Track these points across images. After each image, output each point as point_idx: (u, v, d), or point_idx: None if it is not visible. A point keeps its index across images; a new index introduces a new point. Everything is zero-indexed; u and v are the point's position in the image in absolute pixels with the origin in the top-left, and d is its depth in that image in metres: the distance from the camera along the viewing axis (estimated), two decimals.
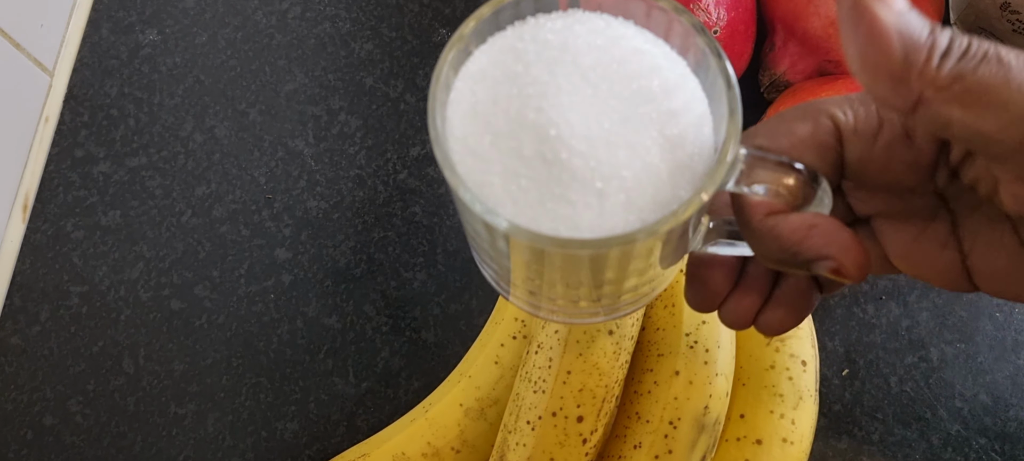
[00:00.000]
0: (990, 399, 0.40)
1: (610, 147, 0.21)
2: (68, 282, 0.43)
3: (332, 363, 0.42)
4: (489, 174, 0.21)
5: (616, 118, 0.21)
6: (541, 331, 0.35)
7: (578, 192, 0.21)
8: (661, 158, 0.21)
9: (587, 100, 0.21)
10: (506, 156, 0.21)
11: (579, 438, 0.33)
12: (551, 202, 0.21)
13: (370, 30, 0.50)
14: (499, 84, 0.22)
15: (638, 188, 0.21)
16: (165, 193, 0.45)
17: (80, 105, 0.48)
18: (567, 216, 0.21)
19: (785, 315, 0.25)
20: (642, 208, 0.21)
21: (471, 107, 0.22)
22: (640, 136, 0.21)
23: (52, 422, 0.41)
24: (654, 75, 0.22)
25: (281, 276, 0.43)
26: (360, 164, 0.46)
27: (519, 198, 0.21)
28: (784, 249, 0.22)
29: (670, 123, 0.21)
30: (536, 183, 0.21)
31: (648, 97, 0.21)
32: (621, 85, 0.22)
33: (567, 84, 0.21)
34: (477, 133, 0.21)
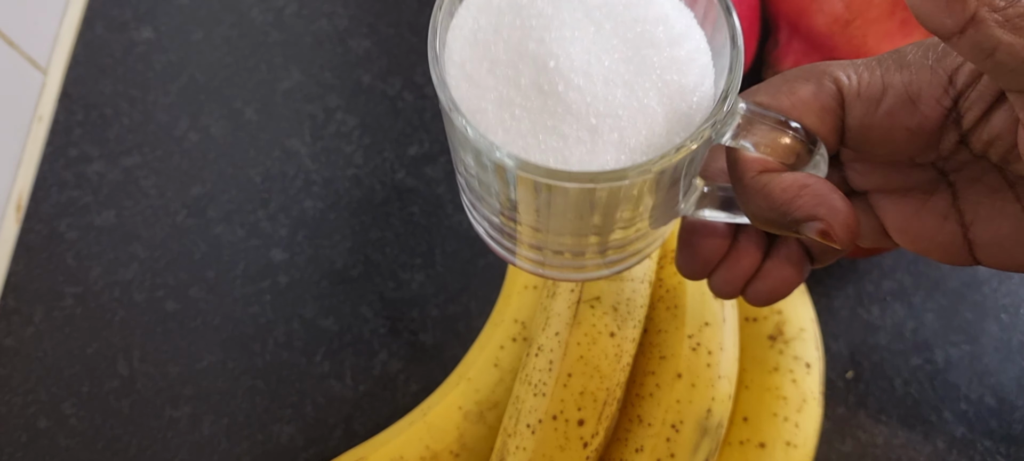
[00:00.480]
0: (996, 401, 0.40)
1: (608, 84, 0.21)
2: (62, 283, 0.43)
3: (329, 365, 0.41)
4: (483, 101, 0.21)
5: (617, 57, 0.21)
6: (541, 333, 0.35)
7: (571, 125, 0.21)
8: (659, 103, 0.21)
9: (590, 36, 0.21)
10: (502, 84, 0.21)
11: (580, 441, 0.33)
12: (543, 133, 0.21)
13: (367, 27, 0.49)
14: (503, 13, 0.22)
15: (632, 128, 0.21)
16: (160, 193, 0.45)
17: (74, 103, 0.47)
18: (557, 149, 0.21)
19: (775, 284, 0.25)
20: (634, 149, 0.21)
21: (472, 34, 0.22)
22: (640, 78, 0.21)
23: (46, 425, 0.40)
24: (660, 23, 0.22)
25: (277, 277, 0.43)
26: (357, 163, 0.45)
27: (511, 126, 0.21)
28: (774, 208, 0.22)
29: (671, 70, 0.22)
30: (529, 113, 0.21)
31: (652, 42, 0.22)
32: (626, 27, 0.22)
33: (571, 19, 0.22)
34: (476, 59, 0.22)
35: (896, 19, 0.38)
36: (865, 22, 0.38)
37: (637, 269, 0.35)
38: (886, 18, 0.38)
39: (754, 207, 0.23)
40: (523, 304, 0.38)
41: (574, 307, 0.34)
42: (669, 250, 0.37)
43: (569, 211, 0.23)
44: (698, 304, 0.35)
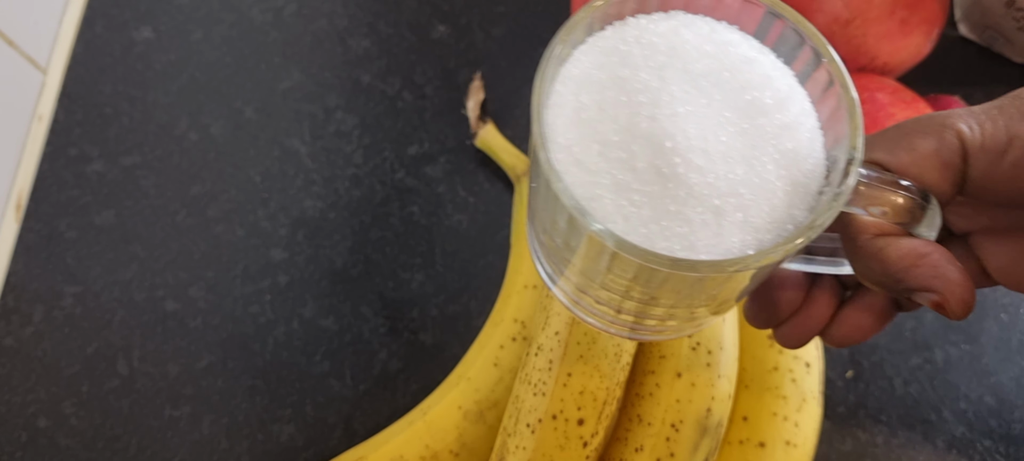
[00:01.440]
0: (995, 401, 0.40)
1: (727, 162, 0.20)
2: (62, 282, 0.43)
3: (329, 365, 0.41)
4: (598, 187, 0.20)
5: (732, 131, 0.20)
6: (541, 333, 0.35)
7: (695, 209, 0.20)
8: (777, 175, 0.20)
9: (702, 110, 0.20)
10: (616, 168, 0.20)
11: (580, 441, 0.33)
12: (666, 219, 0.20)
13: (367, 26, 0.49)
14: (605, 89, 0.21)
15: (755, 206, 0.20)
16: (159, 192, 0.45)
17: (74, 103, 0.47)
18: (683, 235, 0.20)
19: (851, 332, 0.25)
20: (759, 228, 0.20)
21: (575, 113, 0.21)
22: (756, 151, 0.20)
23: (46, 424, 0.40)
24: (765, 87, 0.21)
25: (277, 277, 0.43)
26: (357, 163, 0.45)
27: (631, 214, 0.20)
28: (887, 273, 0.21)
29: (784, 138, 0.20)
30: (650, 198, 0.20)
31: (762, 109, 0.21)
32: (734, 95, 0.21)
33: (680, 92, 0.20)
34: (583, 141, 0.20)
35: (896, 19, 0.38)
36: (865, 22, 0.38)
37: None
38: (886, 18, 0.38)
39: (866, 270, 0.22)
40: (523, 303, 0.38)
41: None
42: None
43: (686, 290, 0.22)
44: None
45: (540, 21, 0.49)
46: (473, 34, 0.49)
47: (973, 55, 0.47)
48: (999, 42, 0.46)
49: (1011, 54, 0.46)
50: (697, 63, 0.21)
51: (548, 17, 0.49)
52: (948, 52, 0.46)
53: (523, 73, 0.48)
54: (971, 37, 0.47)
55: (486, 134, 0.44)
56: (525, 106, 0.47)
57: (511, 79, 0.47)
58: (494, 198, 0.45)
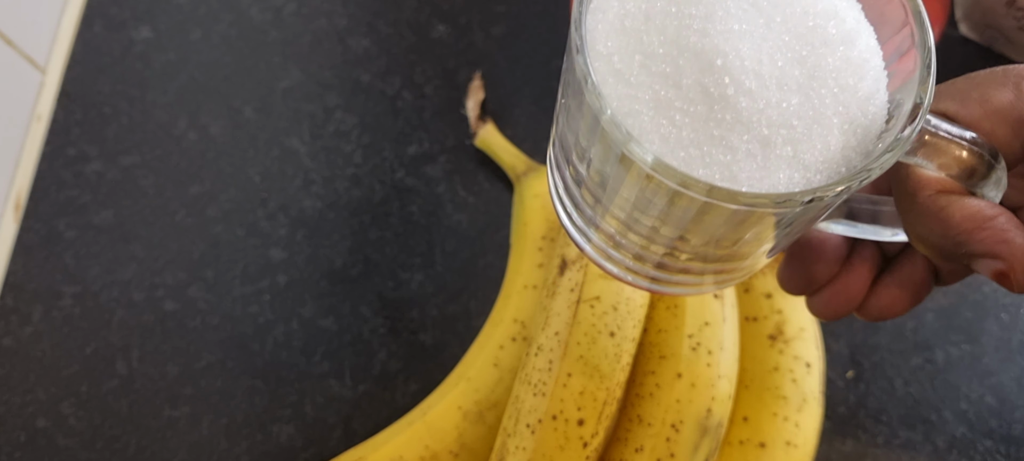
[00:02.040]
0: (996, 401, 0.40)
1: (782, 89, 0.18)
2: (61, 282, 0.43)
3: (328, 365, 0.41)
4: (636, 102, 0.18)
5: (791, 57, 0.18)
6: (541, 333, 0.35)
7: (740, 136, 0.18)
8: (834, 111, 0.18)
9: (759, 30, 0.18)
10: (658, 82, 0.18)
11: (580, 441, 0.33)
12: (708, 144, 0.18)
13: (366, 26, 0.49)
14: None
15: (807, 142, 0.18)
16: (158, 192, 0.45)
17: (73, 102, 0.47)
18: (725, 163, 0.18)
19: (890, 305, 0.23)
20: (808, 165, 0.18)
21: (618, 19, 0.19)
22: (815, 83, 0.18)
23: (45, 424, 0.40)
24: (831, 17, 0.19)
25: (276, 277, 0.43)
26: (356, 163, 0.45)
27: (669, 134, 0.18)
28: (948, 235, 0.20)
29: (846, 72, 0.19)
30: (692, 119, 0.18)
31: (824, 39, 0.19)
32: (796, 20, 0.19)
33: (736, 8, 0.19)
34: (625, 51, 0.19)
35: None
36: None
37: None
38: None
39: (923, 229, 0.20)
40: (523, 304, 0.38)
41: (574, 307, 0.34)
42: None
43: (719, 227, 0.20)
44: (698, 303, 0.35)
45: (540, 21, 0.49)
46: (473, 34, 0.49)
47: (974, 55, 0.47)
48: (1000, 42, 0.46)
49: (1012, 54, 0.46)
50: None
51: (548, 17, 0.49)
52: (949, 52, 0.46)
53: (523, 73, 0.48)
54: (972, 37, 0.47)
55: (486, 134, 0.44)
56: (525, 106, 0.47)
57: (511, 79, 0.47)
58: (494, 198, 0.45)
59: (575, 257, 0.36)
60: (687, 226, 0.20)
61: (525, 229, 0.41)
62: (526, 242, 0.40)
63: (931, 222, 0.20)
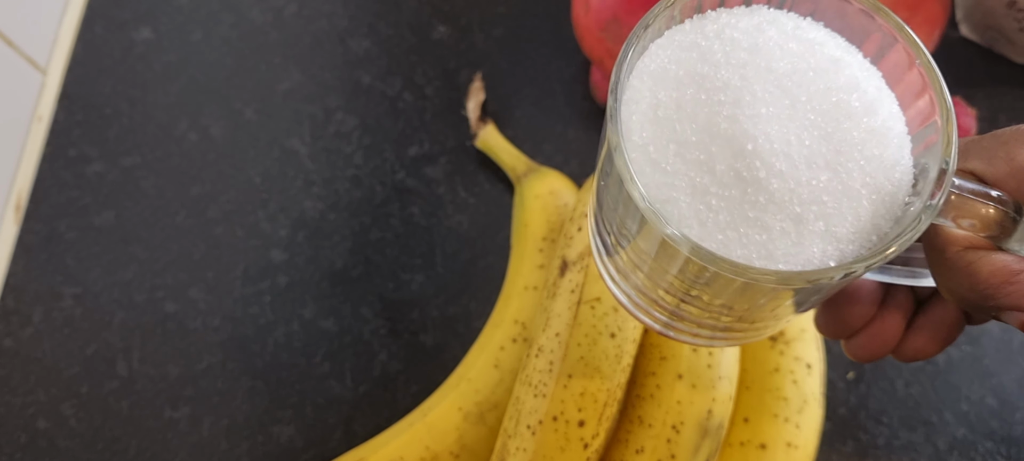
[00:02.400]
0: (997, 402, 0.40)
1: (811, 167, 0.19)
2: (61, 283, 0.43)
3: (329, 366, 0.41)
4: (673, 189, 0.19)
5: (817, 135, 0.19)
6: (541, 334, 0.35)
7: (774, 216, 0.19)
8: (862, 182, 0.19)
9: (785, 112, 0.19)
10: (693, 169, 0.19)
11: (580, 443, 0.33)
12: (744, 226, 0.19)
13: (367, 27, 0.49)
14: (683, 85, 0.20)
15: (838, 215, 0.19)
16: (159, 193, 0.45)
17: (73, 104, 0.47)
18: (761, 243, 0.19)
19: (925, 346, 0.24)
20: (840, 238, 0.19)
21: (652, 110, 0.20)
22: (841, 158, 0.19)
23: (45, 426, 0.40)
24: (853, 90, 0.20)
25: (277, 278, 0.43)
26: (357, 164, 0.45)
27: (707, 218, 0.19)
28: (976, 289, 0.21)
29: (871, 143, 0.19)
30: (727, 203, 0.19)
31: (848, 113, 0.19)
32: (820, 97, 0.20)
33: (762, 92, 0.19)
34: (660, 141, 0.19)
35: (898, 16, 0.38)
36: None
37: None
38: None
39: (953, 283, 0.21)
40: (523, 305, 0.38)
41: (574, 308, 0.34)
42: None
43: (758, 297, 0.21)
44: None
45: (540, 22, 0.49)
46: (473, 35, 0.49)
47: (974, 56, 0.47)
48: (1000, 43, 0.46)
49: (1012, 55, 0.46)
50: (780, 62, 0.20)
51: (548, 18, 0.49)
52: (949, 53, 0.46)
53: (523, 74, 0.48)
54: (972, 38, 0.47)
55: (486, 135, 0.44)
56: (526, 107, 0.47)
57: (511, 80, 0.47)
58: (494, 199, 0.45)
59: (576, 258, 0.36)
60: (730, 297, 0.21)
61: (526, 230, 0.41)
62: (527, 243, 0.40)
63: (960, 277, 0.21)
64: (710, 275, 0.20)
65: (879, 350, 0.24)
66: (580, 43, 0.42)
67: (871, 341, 0.24)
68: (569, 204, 0.41)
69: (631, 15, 0.39)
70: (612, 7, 0.39)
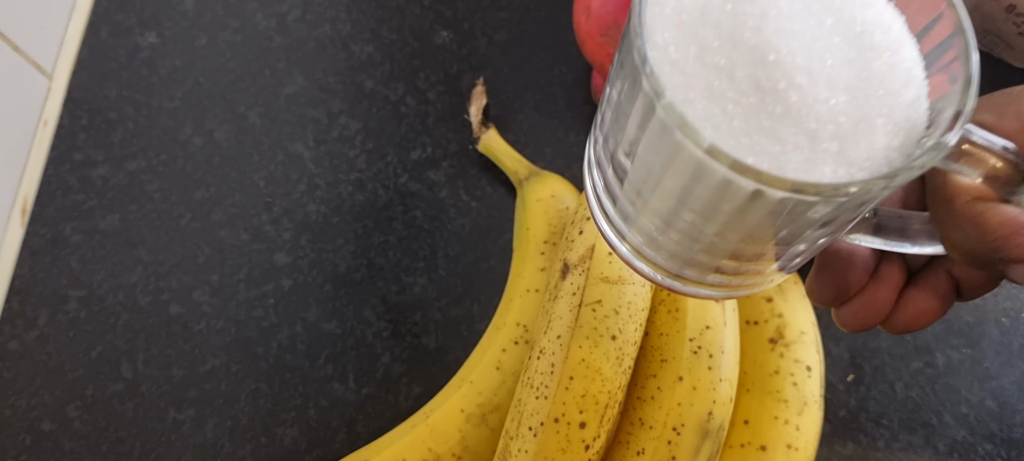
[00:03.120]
0: (996, 405, 0.40)
1: (831, 87, 0.19)
2: (66, 286, 0.43)
3: (332, 368, 0.41)
4: (690, 91, 0.19)
5: (839, 58, 0.19)
6: (543, 336, 0.35)
7: (789, 129, 0.19)
8: (879, 112, 0.19)
9: (810, 31, 0.19)
10: (712, 73, 0.19)
11: (582, 444, 0.33)
12: (757, 134, 0.19)
13: (370, 32, 0.49)
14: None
15: (852, 139, 0.19)
16: (164, 197, 0.45)
17: (79, 108, 0.47)
18: (773, 153, 0.19)
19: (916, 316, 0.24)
20: (852, 162, 0.19)
21: (676, 13, 0.20)
22: (861, 84, 0.19)
23: (50, 427, 0.40)
24: (879, 25, 0.20)
25: (281, 281, 0.43)
26: (360, 168, 0.46)
27: (721, 123, 0.19)
28: (983, 241, 0.20)
29: (892, 78, 0.20)
30: (744, 110, 0.19)
31: (872, 45, 0.20)
32: (846, 25, 0.20)
33: (789, 9, 0.20)
34: (681, 43, 0.19)
35: None
36: None
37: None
38: None
39: (959, 235, 0.21)
40: (525, 307, 0.39)
41: (576, 310, 0.34)
42: None
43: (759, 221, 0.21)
44: (699, 307, 0.35)
45: (542, 26, 0.49)
46: (475, 40, 0.49)
47: None
48: (999, 47, 0.46)
49: (1011, 59, 0.46)
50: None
51: (550, 22, 0.49)
52: None
53: (525, 78, 0.48)
54: None
55: (488, 139, 0.45)
56: (527, 111, 0.47)
57: (513, 84, 0.48)
58: (496, 202, 0.45)
59: (577, 261, 0.36)
60: (728, 220, 0.21)
61: (527, 233, 0.41)
62: (528, 246, 0.40)
63: (967, 227, 0.21)
64: (714, 188, 0.20)
65: (870, 319, 0.24)
66: (581, 48, 0.43)
67: (862, 309, 0.24)
68: (570, 207, 0.41)
69: None
70: (613, 12, 0.40)
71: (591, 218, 0.30)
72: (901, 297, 0.24)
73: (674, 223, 0.22)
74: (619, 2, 0.39)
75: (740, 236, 0.22)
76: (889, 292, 0.24)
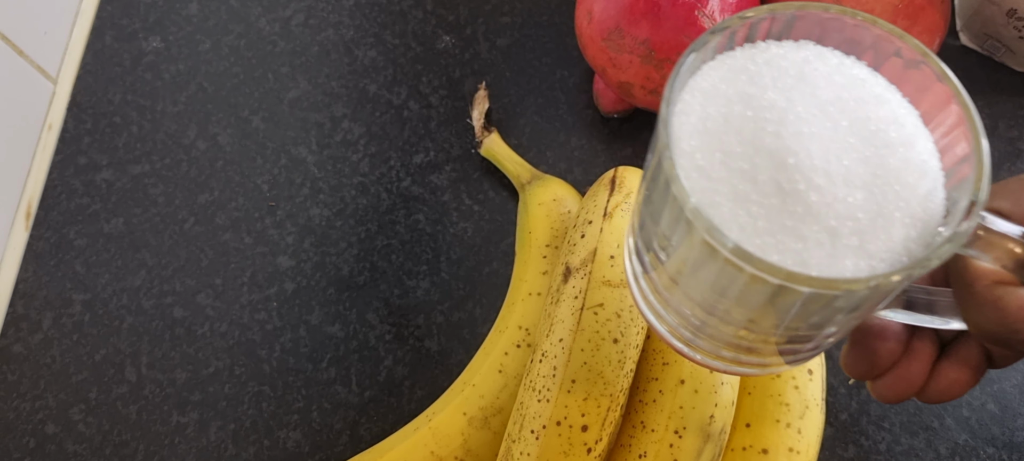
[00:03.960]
0: (998, 408, 0.40)
1: (848, 186, 0.20)
2: (70, 290, 0.43)
3: (335, 371, 0.41)
4: (717, 194, 0.20)
5: (855, 157, 0.20)
6: (545, 340, 0.35)
7: (811, 227, 0.20)
8: (896, 206, 0.20)
9: (827, 133, 0.21)
10: (737, 178, 0.20)
11: (584, 447, 0.33)
12: (781, 234, 0.20)
13: (373, 37, 0.50)
14: (732, 103, 0.21)
15: (871, 233, 0.20)
16: (168, 200, 0.45)
17: (83, 112, 0.48)
18: (796, 251, 0.20)
19: (949, 387, 0.24)
20: (872, 255, 0.20)
21: (701, 122, 0.21)
22: (878, 180, 0.20)
23: (54, 430, 0.40)
24: (892, 122, 0.21)
25: (284, 284, 0.43)
26: (363, 171, 0.46)
27: (746, 225, 0.20)
28: (1005, 324, 0.21)
29: (907, 172, 0.21)
30: (767, 212, 0.20)
31: (886, 141, 0.21)
32: (860, 125, 0.21)
33: (806, 114, 0.21)
34: (707, 149, 0.21)
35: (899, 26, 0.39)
36: None
37: None
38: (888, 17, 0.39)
39: (980, 318, 0.22)
40: (527, 311, 0.39)
41: (578, 314, 0.34)
42: None
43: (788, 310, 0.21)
44: None
45: (544, 32, 0.50)
46: (478, 44, 0.49)
47: (974, 65, 0.47)
48: (1000, 52, 0.46)
49: (1012, 63, 0.46)
50: (825, 90, 0.21)
51: (552, 28, 0.50)
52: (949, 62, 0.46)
53: (527, 83, 0.48)
54: (972, 46, 0.47)
55: (491, 143, 0.45)
56: (529, 115, 0.47)
57: (516, 89, 0.48)
58: (499, 206, 0.45)
59: (579, 265, 0.36)
60: (760, 308, 0.22)
61: (529, 237, 0.41)
62: (531, 250, 0.41)
63: (988, 311, 0.21)
64: (743, 283, 0.20)
65: (905, 391, 0.25)
66: (583, 53, 0.43)
67: (897, 381, 0.25)
68: (572, 211, 0.41)
69: (633, 25, 0.39)
70: (615, 17, 0.40)
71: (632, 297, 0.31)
72: (935, 369, 0.25)
73: (711, 311, 0.23)
74: (620, 7, 0.39)
75: (773, 323, 0.23)
76: (922, 365, 0.25)
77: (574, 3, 0.45)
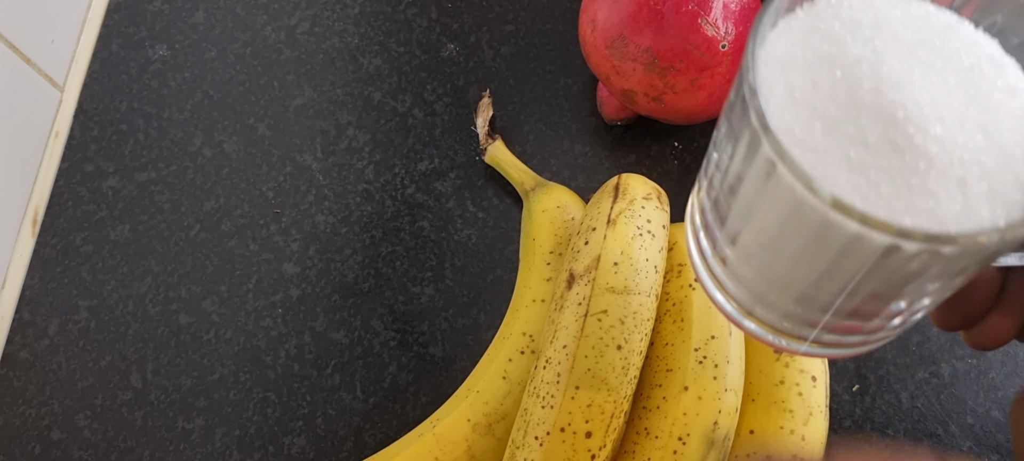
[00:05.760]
0: (1002, 415, 0.40)
1: (965, 129, 0.18)
2: (76, 296, 0.43)
3: (339, 378, 0.42)
4: (829, 167, 0.18)
5: (961, 97, 0.19)
6: (549, 346, 0.35)
7: (938, 181, 0.18)
8: (1014, 141, 0.19)
9: (925, 78, 0.19)
10: (846, 145, 0.18)
11: (588, 454, 0.33)
12: (908, 195, 0.18)
13: (378, 45, 0.50)
14: (814, 67, 0.19)
15: (999, 175, 0.18)
16: (174, 207, 0.46)
17: (90, 120, 0.48)
18: (929, 209, 0.18)
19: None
20: (1006, 199, 0.18)
21: (787, 94, 0.19)
22: (990, 116, 0.19)
23: (60, 436, 0.41)
24: (978, 51, 0.20)
25: (289, 291, 0.43)
26: (368, 179, 0.46)
27: (869, 193, 0.18)
28: None
29: (1012, 101, 0.19)
30: (888, 174, 0.18)
31: (983, 75, 0.19)
32: (953, 61, 0.19)
33: (897, 62, 0.19)
34: (803, 122, 0.19)
35: None
36: None
37: (644, 282, 0.35)
38: None
39: None
40: (531, 317, 0.39)
41: (581, 320, 0.35)
42: (675, 263, 0.38)
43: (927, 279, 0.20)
44: (705, 317, 0.36)
45: (548, 39, 0.50)
46: (482, 52, 0.50)
47: None
48: None
49: None
50: (904, 32, 0.20)
51: (556, 36, 0.50)
52: None
53: (531, 90, 0.48)
54: None
55: (495, 150, 0.45)
56: (533, 123, 0.47)
57: (520, 96, 0.48)
58: (503, 213, 0.45)
59: (582, 271, 0.36)
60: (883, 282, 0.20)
61: (533, 244, 0.41)
62: (534, 256, 0.41)
63: None
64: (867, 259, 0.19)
65: (1004, 335, 0.24)
66: (587, 60, 0.43)
67: (996, 326, 0.24)
68: (576, 218, 0.41)
69: (636, 33, 0.39)
70: (618, 25, 0.40)
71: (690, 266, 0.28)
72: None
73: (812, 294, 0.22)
74: (623, 15, 0.40)
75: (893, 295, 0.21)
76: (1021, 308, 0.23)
77: (578, 11, 0.45)
